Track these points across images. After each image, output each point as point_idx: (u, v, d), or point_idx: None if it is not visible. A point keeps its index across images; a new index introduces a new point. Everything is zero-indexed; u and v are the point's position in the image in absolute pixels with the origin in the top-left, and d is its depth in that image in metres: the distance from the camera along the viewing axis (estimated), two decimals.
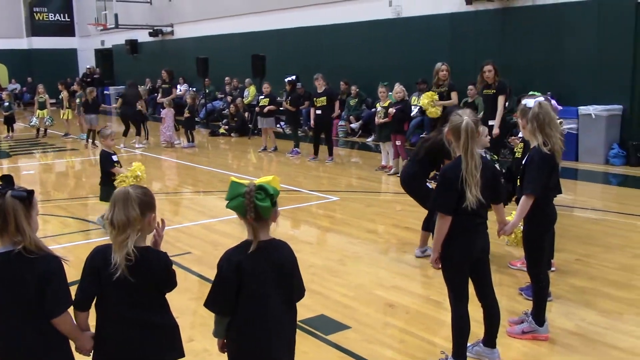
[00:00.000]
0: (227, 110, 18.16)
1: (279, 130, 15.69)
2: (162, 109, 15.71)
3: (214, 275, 2.70)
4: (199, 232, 7.25)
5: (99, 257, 2.65)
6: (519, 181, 4.36)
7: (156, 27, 24.49)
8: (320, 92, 12.17)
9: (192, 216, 8.19)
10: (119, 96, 17.27)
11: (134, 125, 15.07)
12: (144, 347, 2.67)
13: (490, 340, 3.90)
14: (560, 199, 5.53)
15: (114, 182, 6.81)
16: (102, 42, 29.25)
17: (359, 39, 16.03)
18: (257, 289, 2.65)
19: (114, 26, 24.30)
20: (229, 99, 18.82)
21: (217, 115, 19.39)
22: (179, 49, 23.32)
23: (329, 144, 12.21)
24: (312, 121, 12.60)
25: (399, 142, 10.27)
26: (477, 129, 3.57)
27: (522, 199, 4.09)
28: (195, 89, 19.74)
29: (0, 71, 29.89)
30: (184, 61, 21.76)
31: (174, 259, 3.05)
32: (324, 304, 4.93)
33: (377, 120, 10.85)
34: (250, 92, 17.98)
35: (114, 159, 7.10)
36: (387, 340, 4.33)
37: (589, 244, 6.39)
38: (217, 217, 7.82)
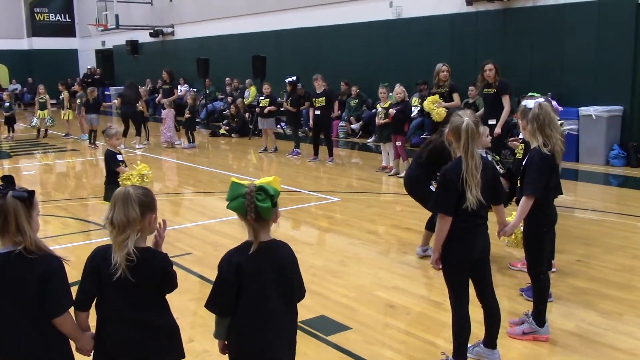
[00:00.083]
0: (227, 110, 18.17)
1: (279, 130, 15.70)
2: (162, 110, 15.72)
3: (215, 276, 2.70)
4: (200, 232, 7.25)
5: (100, 257, 2.65)
6: (519, 182, 4.37)
7: (157, 28, 24.51)
8: (319, 92, 12.17)
9: (192, 217, 8.19)
10: (118, 96, 17.30)
11: (135, 125, 15.07)
12: (144, 347, 2.67)
13: (490, 341, 3.90)
14: (560, 199, 5.53)
15: (119, 180, 6.78)
16: (103, 43, 29.27)
17: (360, 40, 16.03)
18: (257, 290, 2.65)
19: (115, 27, 24.32)
20: (230, 99, 18.82)
21: (218, 115, 19.41)
22: (180, 49, 23.33)
23: (328, 145, 12.21)
24: (310, 121, 12.60)
25: (399, 143, 10.26)
26: (477, 129, 3.58)
27: (522, 199, 4.09)
28: (195, 90, 19.75)
29: (1, 71, 29.92)
30: (184, 62, 21.78)
31: (174, 259, 3.05)
32: (325, 304, 4.93)
33: (377, 121, 10.84)
34: (250, 93, 17.99)
35: (119, 158, 7.06)
36: (387, 341, 4.33)
37: (590, 245, 6.39)
38: (217, 217, 7.82)
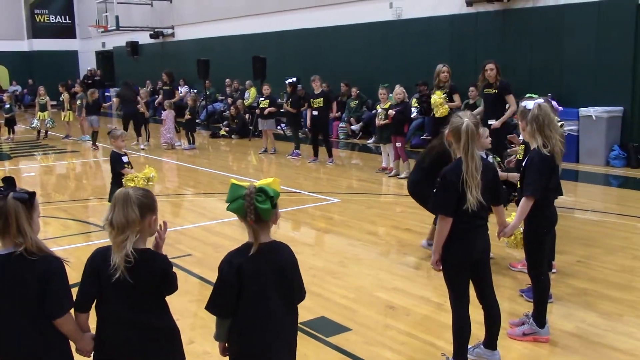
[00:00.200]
0: (227, 112, 18.18)
1: (279, 132, 15.69)
2: (162, 111, 15.72)
3: (215, 277, 2.70)
4: (200, 234, 7.25)
5: (99, 258, 2.65)
6: (519, 183, 4.37)
7: (157, 29, 24.52)
8: (317, 93, 12.18)
9: (192, 218, 8.19)
10: (116, 96, 17.30)
11: (135, 126, 15.07)
12: (143, 349, 2.67)
13: (490, 342, 3.90)
14: (560, 200, 5.53)
15: (123, 181, 6.74)
16: (103, 44, 29.27)
17: (360, 41, 16.03)
18: (257, 291, 2.65)
19: (115, 28, 24.32)
20: (230, 100, 18.82)
21: (218, 117, 19.41)
22: (180, 50, 23.33)
23: (327, 145, 12.20)
24: (308, 121, 12.61)
25: (399, 144, 10.25)
26: (477, 130, 3.58)
27: (522, 200, 4.10)
28: (195, 91, 19.77)
29: (1, 73, 29.93)
30: (184, 63, 21.79)
31: (174, 261, 3.05)
32: (325, 305, 4.93)
33: (377, 122, 10.83)
34: (250, 94, 17.99)
35: (124, 160, 7.01)
36: (387, 342, 4.33)
37: (590, 246, 6.39)
38: (217, 219, 7.82)
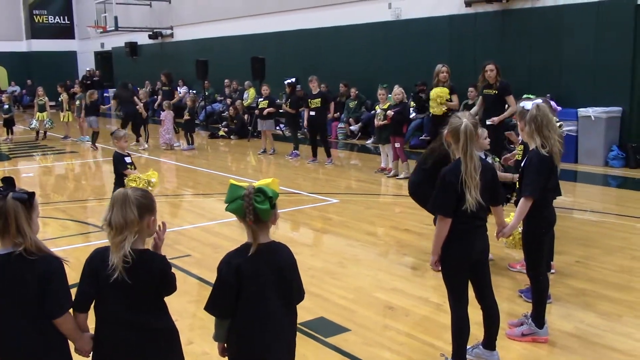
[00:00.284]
0: (226, 112, 18.16)
1: (278, 132, 15.68)
2: (161, 112, 15.71)
3: (214, 277, 2.70)
4: (199, 234, 7.25)
5: (98, 258, 2.66)
6: (517, 183, 4.37)
7: (156, 30, 24.51)
8: (314, 93, 12.18)
9: (191, 219, 8.19)
10: (114, 97, 17.29)
11: (134, 127, 15.06)
12: (142, 350, 2.66)
13: (489, 342, 3.90)
14: (559, 201, 5.53)
15: (125, 181, 6.73)
16: (102, 45, 29.27)
17: (359, 42, 16.04)
18: (256, 292, 2.65)
19: (114, 29, 24.30)
20: (229, 101, 18.82)
21: (217, 117, 19.40)
22: (179, 51, 23.33)
23: (325, 146, 12.19)
24: (305, 122, 12.61)
25: (398, 145, 10.25)
26: (476, 131, 3.59)
27: (521, 201, 4.10)
28: (194, 92, 19.75)
29: None
30: (183, 63, 21.77)
31: (173, 261, 3.05)
32: (324, 306, 4.93)
33: (376, 122, 10.84)
34: (249, 95, 17.99)
35: (127, 160, 7.00)
36: (386, 342, 4.33)
37: (589, 246, 6.39)
38: (216, 219, 7.82)
